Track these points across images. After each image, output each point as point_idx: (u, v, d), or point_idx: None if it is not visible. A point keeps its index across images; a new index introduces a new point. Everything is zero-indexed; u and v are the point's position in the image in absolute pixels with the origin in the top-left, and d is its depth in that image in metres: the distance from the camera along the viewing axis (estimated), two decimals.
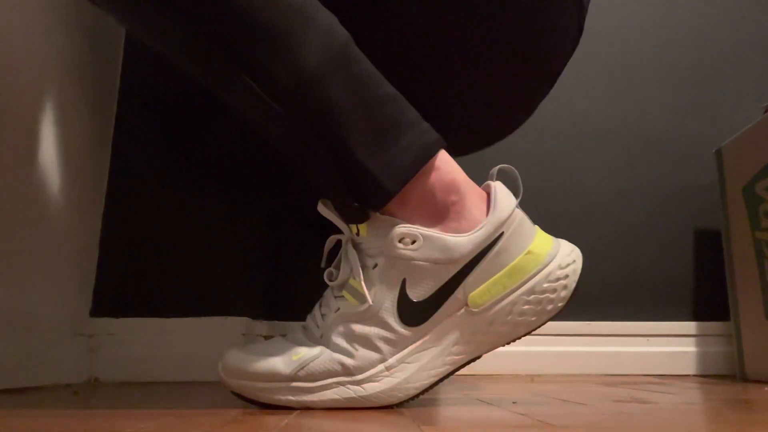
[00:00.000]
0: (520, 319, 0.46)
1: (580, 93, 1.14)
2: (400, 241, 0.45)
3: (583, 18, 0.60)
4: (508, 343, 0.48)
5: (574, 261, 0.48)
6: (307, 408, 0.45)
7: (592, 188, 1.11)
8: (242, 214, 0.88)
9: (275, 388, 0.45)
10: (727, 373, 1.02)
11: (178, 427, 0.36)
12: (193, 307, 0.83)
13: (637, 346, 1.03)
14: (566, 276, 0.47)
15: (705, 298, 1.07)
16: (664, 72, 1.17)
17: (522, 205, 0.50)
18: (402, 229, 0.45)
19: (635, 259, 1.09)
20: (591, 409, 0.46)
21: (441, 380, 0.47)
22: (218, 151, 0.88)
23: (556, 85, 0.62)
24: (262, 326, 0.96)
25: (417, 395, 0.47)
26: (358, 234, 0.48)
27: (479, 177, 0.50)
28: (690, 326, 1.05)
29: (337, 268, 0.49)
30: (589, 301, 1.06)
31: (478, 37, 0.53)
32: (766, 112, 0.92)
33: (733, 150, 0.98)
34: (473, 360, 0.48)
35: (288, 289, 1.00)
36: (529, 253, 0.47)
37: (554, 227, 0.62)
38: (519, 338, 0.48)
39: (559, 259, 0.47)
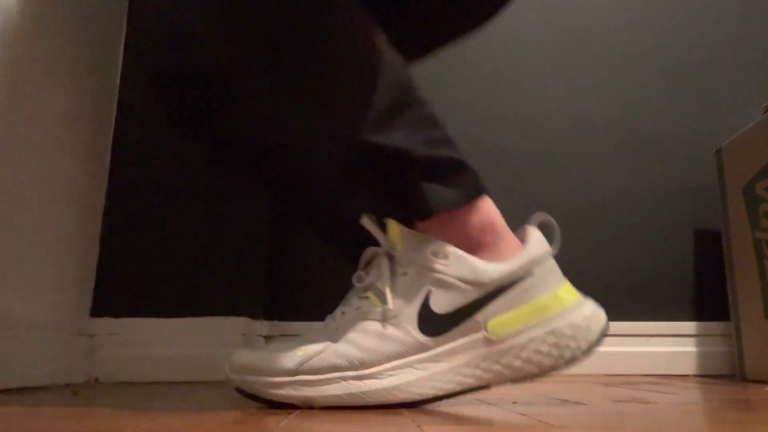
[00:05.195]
0: (534, 357, 0.46)
1: (579, 93, 1.14)
2: (433, 254, 0.47)
3: None
4: (516, 381, 0.47)
5: (599, 317, 0.48)
6: (309, 405, 0.45)
7: (592, 188, 1.11)
8: (242, 214, 0.88)
9: (278, 383, 0.45)
10: (727, 373, 1.01)
11: (178, 427, 0.36)
12: (193, 307, 0.83)
13: (637, 346, 1.03)
14: (589, 329, 0.47)
15: (705, 298, 1.07)
16: (664, 72, 1.17)
17: (522, 205, 0.50)
18: (436, 244, 0.48)
19: (635, 260, 1.09)
20: (591, 409, 0.46)
21: (446, 397, 0.47)
22: (219, 151, 0.88)
23: (556, 85, 0.62)
24: (262, 326, 0.96)
25: (419, 402, 0.47)
26: (394, 248, 0.50)
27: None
28: (690, 326, 1.05)
29: (367, 274, 0.50)
30: None
31: None
32: (766, 112, 0.92)
33: (733, 150, 0.98)
34: (481, 388, 0.47)
35: (288, 289, 1.00)
36: (555, 296, 0.48)
37: None
38: (528, 379, 0.47)
39: (584, 311, 0.48)
